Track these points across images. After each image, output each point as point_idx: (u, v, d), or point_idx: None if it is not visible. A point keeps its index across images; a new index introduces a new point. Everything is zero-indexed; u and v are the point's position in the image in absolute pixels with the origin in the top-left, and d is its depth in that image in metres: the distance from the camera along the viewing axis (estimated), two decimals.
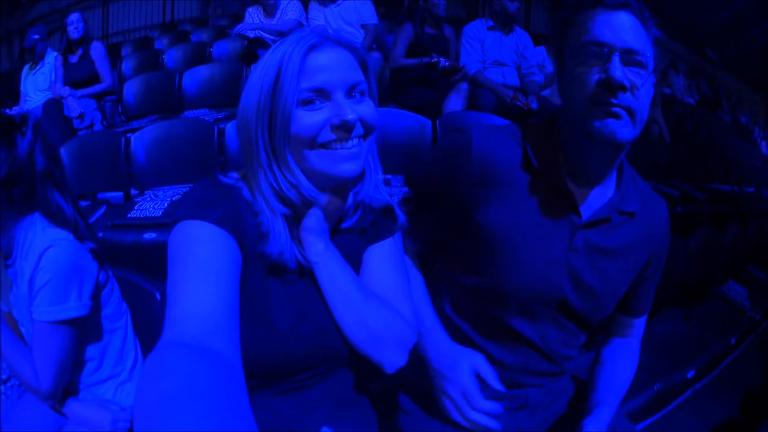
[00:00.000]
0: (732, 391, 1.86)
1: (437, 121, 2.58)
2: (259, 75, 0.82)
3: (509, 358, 1.00)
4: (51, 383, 1.09)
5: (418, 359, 0.97)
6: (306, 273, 0.88)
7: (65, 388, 1.15)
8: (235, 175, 0.88)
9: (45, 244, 1.05)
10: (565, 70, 0.89)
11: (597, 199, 0.94)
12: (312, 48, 0.81)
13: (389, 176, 2.13)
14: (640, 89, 0.83)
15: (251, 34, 3.73)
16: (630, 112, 0.83)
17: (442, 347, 0.98)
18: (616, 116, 0.83)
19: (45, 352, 1.08)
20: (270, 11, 3.72)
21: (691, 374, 1.79)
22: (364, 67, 0.88)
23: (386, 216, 0.96)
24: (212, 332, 0.63)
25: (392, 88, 3.43)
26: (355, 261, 0.92)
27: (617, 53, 0.82)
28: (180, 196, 2.13)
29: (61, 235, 1.08)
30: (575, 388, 1.12)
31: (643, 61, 0.83)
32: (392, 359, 0.89)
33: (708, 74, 6.09)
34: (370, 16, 3.76)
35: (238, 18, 5.32)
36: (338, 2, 3.66)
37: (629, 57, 0.82)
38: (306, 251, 0.85)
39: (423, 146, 2.52)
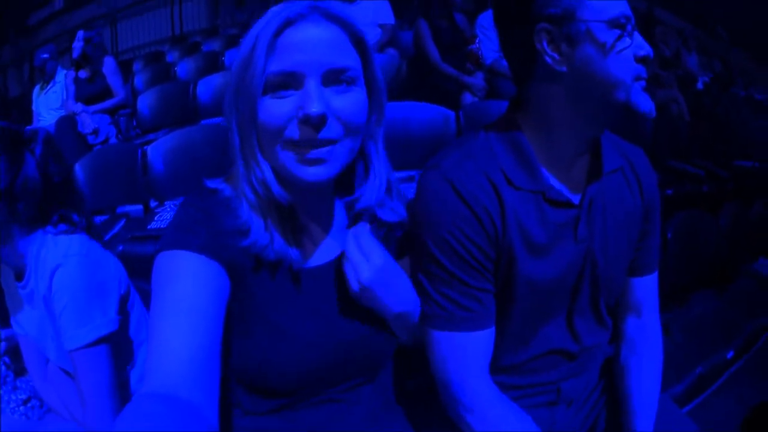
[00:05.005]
0: (766, 371, 1.81)
1: (460, 113, 2.55)
2: (239, 51, 0.73)
3: (539, 363, 0.95)
4: (109, 414, 1.03)
5: None
6: (312, 282, 0.82)
7: None
8: (221, 178, 0.80)
9: (55, 262, 1.01)
10: (584, 44, 0.78)
11: (580, 175, 0.89)
12: (289, 23, 0.70)
13: (413, 172, 2.01)
14: None
15: None
16: None
17: None
18: (647, 89, 0.80)
19: (91, 381, 1.02)
20: None
21: (730, 354, 1.74)
22: (360, 48, 0.75)
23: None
24: (186, 382, 0.61)
25: (410, 82, 3.41)
26: None
27: (632, 24, 0.78)
28: None
29: (72, 249, 1.04)
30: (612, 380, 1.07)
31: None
32: None
33: (720, 52, 5.99)
34: (388, 16, 3.75)
35: (248, 26, 5.35)
36: (356, 2, 3.61)
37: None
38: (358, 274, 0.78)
39: (447, 138, 2.48)
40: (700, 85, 5.31)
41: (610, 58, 0.77)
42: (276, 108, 0.70)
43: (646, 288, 1.02)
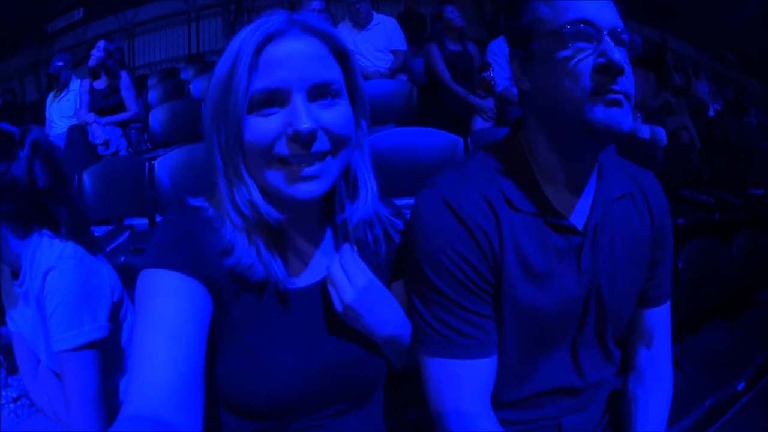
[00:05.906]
0: None
1: (468, 139, 2.52)
2: (217, 68, 0.70)
3: (542, 399, 0.90)
4: (91, 419, 1.03)
5: None
6: (299, 303, 0.79)
7: None
8: (203, 197, 0.79)
9: (48, 264, 1.02)
10: (539, 61, 0.76)
11: (584, 200, 0.85)
12: (270, 38, 0.68)
13: None
14: (629, 71, 0.74)
15: None
16: (628, 97, 0.73)
17: None
18: (619, 104, 0.72)
19: (76, 385, 1.02)
20: None
21: (741, 386, 1.69)
22: (342, 60, 0.73)
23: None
24: (168, 404, 0.59)
25: (421, 108, 3.40)
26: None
27: (606, 32, 0.71)
28: None
29: (66, 253, 1.05)
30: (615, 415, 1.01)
31: (626, 39, 0.74)
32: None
33: (731, 78, 5.97)
34: (400, 42, 3.77)
35: None
36: (369, 27, 3.65)
37: (616, 36, 0.72)
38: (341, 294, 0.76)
39: None
40: (711, 113, 5.29)
41: (562, 70, 0.72)
42: (263, 126, 0.68)
43: (657, 319, 0.97)
